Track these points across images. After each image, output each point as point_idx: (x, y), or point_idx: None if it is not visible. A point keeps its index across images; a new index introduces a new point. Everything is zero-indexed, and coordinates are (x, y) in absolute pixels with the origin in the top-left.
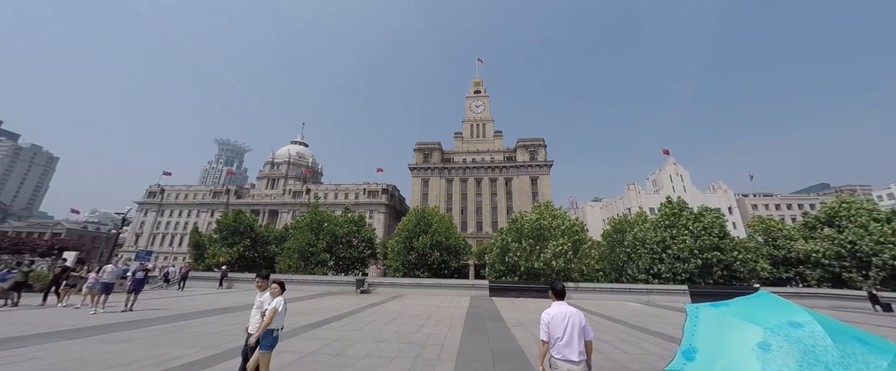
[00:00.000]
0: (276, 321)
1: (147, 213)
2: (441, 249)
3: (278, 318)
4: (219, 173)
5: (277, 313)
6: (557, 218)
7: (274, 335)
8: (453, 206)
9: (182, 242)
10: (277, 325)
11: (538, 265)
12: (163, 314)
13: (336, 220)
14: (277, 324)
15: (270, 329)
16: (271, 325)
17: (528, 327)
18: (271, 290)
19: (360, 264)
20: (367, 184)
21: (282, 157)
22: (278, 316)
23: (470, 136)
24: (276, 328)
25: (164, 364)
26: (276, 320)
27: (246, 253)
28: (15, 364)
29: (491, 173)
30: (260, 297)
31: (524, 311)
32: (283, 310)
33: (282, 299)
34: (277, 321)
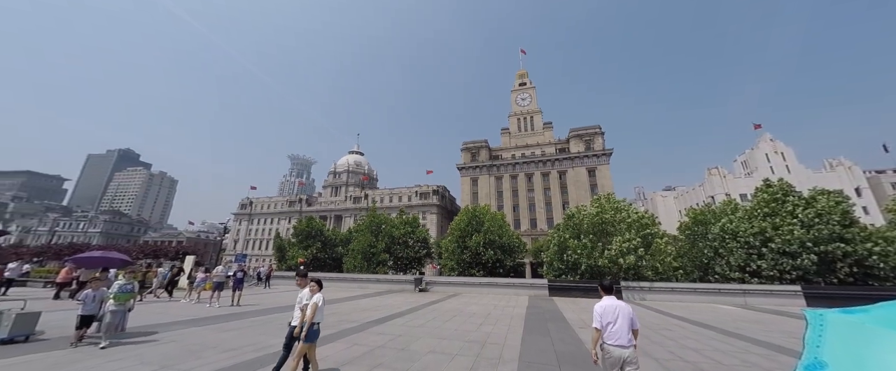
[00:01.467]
0: (318, 315)
1: (241, 222)
2: (495, 248)
3: (319, 312)
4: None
5: (318, 308)
6: (621, 211)
7: (315, 328)
8: (504, 204)
9: (268, 246)
10: (318, 319)
11: (602, 263)
12: (258, 308)
13: (392, 223)
14: (318, 318)
15: (312, 323)
16: (315, 320)
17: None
18: (310, 288)
19: (416, 264)
20: (418, 186)
21: (342, 166)
22: (318, 311)
23: (517, 131)
24: (317, 322)
25: (262, 350)
26: (318, 315)
27: (318, 254)
28: (161, 344)
29: (542, 167)
30: (300, 294)
31: (589, 313)
32: (322, 305)
33: (320, 296)
34: (318, 316)
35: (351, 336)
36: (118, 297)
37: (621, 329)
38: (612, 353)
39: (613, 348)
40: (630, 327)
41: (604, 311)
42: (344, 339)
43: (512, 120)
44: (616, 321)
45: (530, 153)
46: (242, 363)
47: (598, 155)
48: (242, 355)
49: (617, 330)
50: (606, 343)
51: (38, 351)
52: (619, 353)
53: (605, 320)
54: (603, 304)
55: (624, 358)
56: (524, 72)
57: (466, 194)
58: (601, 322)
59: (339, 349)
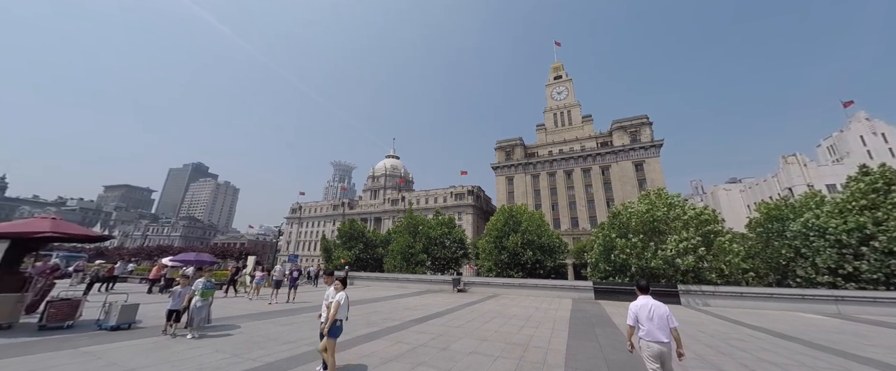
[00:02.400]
0: (340, 313)
1: (292, 225)
2: (534, 248)
3: (342, 310)
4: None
5: (340, 306)
6: (676, 207)
7: (338, 324)
8: (542, 203)
9: (316, 247)
10: (341, 316)
11: (656, 264)
12: (310, 305)
13: (429, 224)
14: (341, 315)
15: (335, 319)
16: (336, 316)
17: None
18: (335, 286)
19: (454, 264)
20: (452, 187)
21: (379, 170)
22: (341, 308)
23: (554, 127)
24: (340, 319)
25: (315, 344)
26: (340, 312)
27: (361, 255)
28: (232, 336)
29: (583, 163)
30: (327, 292)
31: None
32: (345, 303)
33: (343, 294)
34: (341, 313)
35: (394, 334)
36: (204, 293)
37: (658, 326)
38: (651, 348)
39: (651, 344)
40: (667, 325)
41: (639, 309)
42: (387, 336)
43: (547, 115)
44: (652, 319)
45: (569, 149)
46: (298, 355)
47: (645, 147)
48: (298, 348)
49: (654, 327)
50: (644, 339)
51: (139, 337)
52: (657, 348)
53: (639, 319)
54: (638, 304)
55: (661, 352)
56: (559, 64)
57: (502, 194)
58: (636, 320)
59: (383, 346)
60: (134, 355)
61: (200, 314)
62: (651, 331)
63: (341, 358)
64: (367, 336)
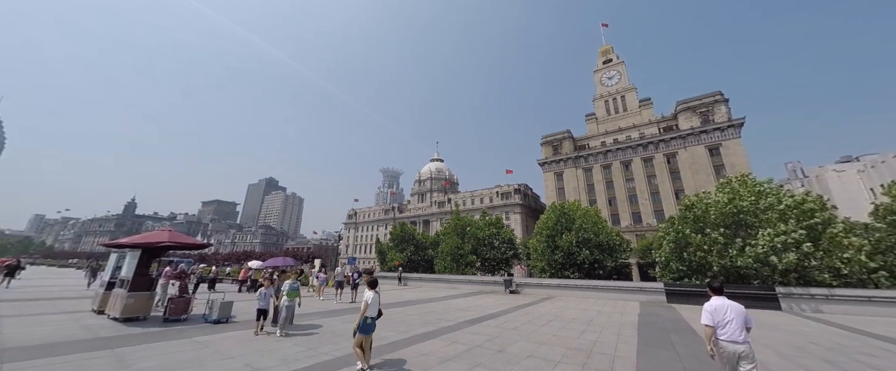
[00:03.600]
0: (369, 311)
1: (349, 230)
2: (590, 247)
3: (371, 308)
4: (386, 195)
5: (369, 305)
6: (768, 195)
7: (367, 321)
8: (598, 198)
9: (371, 250)
10: (370, 313)
11: (743, 262)
12: None
13: (476, 224)
14: (370, 313)
15: (365, 316)
16: (365, 314)
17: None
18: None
19: (504, 265)
20: (498, 186)
21: (425, 174)
22: (370, 307)
23: (606, 115)
24: (369, 316)
25: (378, 341)
26: (369, 310)
27: (412, 256)
28: (306, 331)
29: (643, 152)
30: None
31: None
32: (373, 302)
33: (372, 293)
34: (370, 311)
35: (449, 334)
36: (290, 293)
37: (735, 326)
38: (726, 349)
39: (727, 344)
40: (744, 325)
41: (715, 309)
42: (443, 336)
43: (598, 103)
44: (732, 320)
45: (625, 138)
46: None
47: (721, 128)
48: None
49: (731, 327)
50: (720, 339)
51: (234, 330)
52: (733, 348)
53: (716, 318)
54: (714, 304)
55: (738, 353)
56: (608, 47)
57: (551, 191)
58: (712, 319)
59: (439, 346)
60: (232, 346)
61: (288, 313)
62: (731, 332)
63: (402, 354)
64: (424, 335)
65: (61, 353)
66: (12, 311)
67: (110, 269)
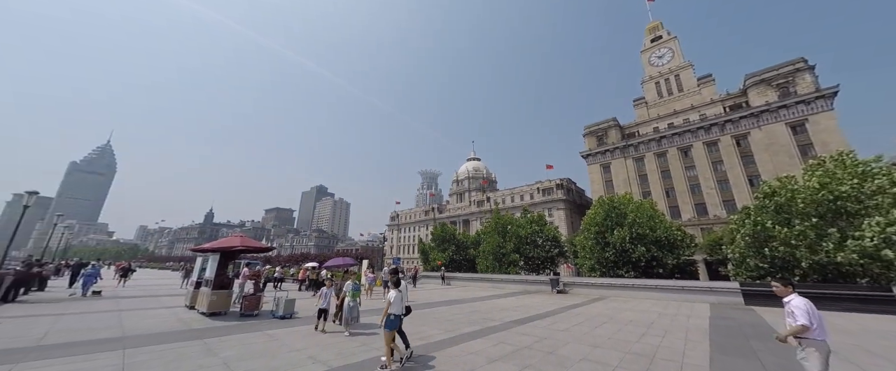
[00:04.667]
0: (393, 308)
1: (393, 231)
2: (646, 243)
3: (394, 306)
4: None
5: (391, 303)
6: (877, 176)
7: (392, 318)
8: (652, 189)
9: (414, 250)
10: (395, 311)
11: (846, 257)
12: (414, 303)
13: (518, 222)
14: (394, 310)
15: (390, 314)
16: (390, 311)
17: (856, 361)
18: (388, 286)
19: (549, 263)
20: (539, 182)
21: (462, 174)
22: (393, 305)
23: (658, 98)
24: (393, 313)
25: (425, 339)
26: (393, 308)
27: (454, 256)
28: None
29: (705, 135)
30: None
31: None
32: (396, 299)
33: (395, 292)
34: (393, 308)
35: (496, 334)
36: (353, 294)
37: (825, 325)
38: (823, 349)
39: (824, 343)
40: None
41: (811, 308)
42: (489, 336)
43: (647, 86)
44: (820, 316)
45: (682, 121)
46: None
47: (806, 100)
48: (412, 342)
49: (823, 325)
50: (817, 339)
51: (298, 325)
52: (827, 347)
53: (813, 316)
54: (807, 302)
55: (829, 353)
56: (656, 23)
57: (597, 184)
58: (810, 318)
59: (485, 346)
60: (297, 339)
61: (352, 313)
62: (823, 330)
63: (449, 353)
64: (470, 335)
65: (165, 341)
66: (129, 305)
67: (197, 270)
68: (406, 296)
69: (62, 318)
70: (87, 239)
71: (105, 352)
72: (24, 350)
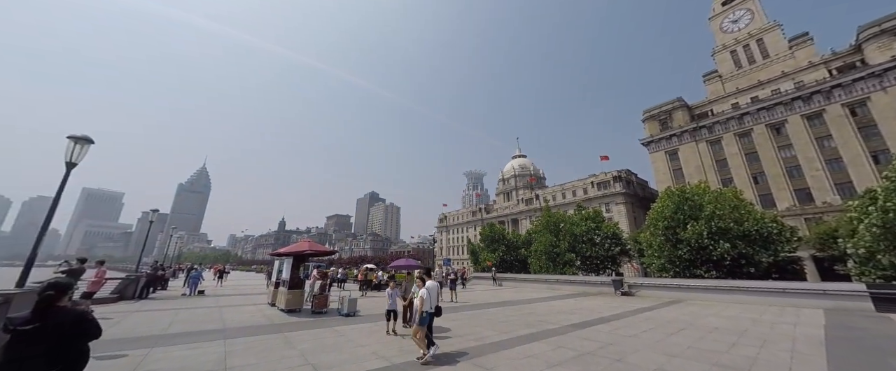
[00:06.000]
0: (424, 305)
1: (441, 233)
2: (731, 238)
3: (425, 303)
4: (471, 197)
5: (424, 300)
6: None
7: (423, 314)
8: (734, 176)
9: (463, 251)
10: (426, 307)
11: None
12: (466, 304)
13: (571, 220)
14: (426, 307)
15: (422, 311)
16: (423, 309)
17: None
18: (417, 283)
19: (610, 263)
20: (593, 176)
21: (508, 172)
22: (425, 301)
23: (735, 69)
24: (425, 310)
25: (480, 340)
26: (424, 305)
27: (505, 256)
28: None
29: (804, 106)
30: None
31: None
32: (427, 297)
33: (423, 290)
34: (425, 305)
35: (554, 338)
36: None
37: None
38: None
39: None
40: None
41: None
42: (547, 340)
43: (721, 57)
44: None
45: (770, 92)
46: (468, 348)
47: None
48: (465, 342)
49: None
50: None
51: (361, 322)
52: None
53: None
54: None
55: None
56: None
57: (663, 174)
58: None
59: (544, 349)
60: (362, 336)
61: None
62: None
63: (505, 356)
64: (527, 337)
65: (254, 333)
66: (226, 302)
67: (275, 272)
68: (434, 296)
69: (180, 311)
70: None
71: (212, 341)
72: (156, 337)
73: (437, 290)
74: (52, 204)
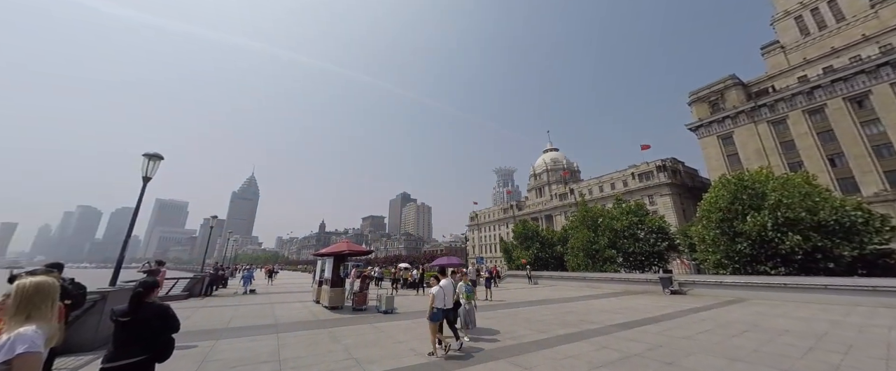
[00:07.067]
0: (436, 303)
1: (473, 231)
2: (802, 230)
3: (437, 300)
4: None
5: (436, 297)
6: None
7: (434, 311)
8: (804, 158)
9: (495, 249)
10: (437, 304)
11: None
12: (502, 303)
13: (611, 214)
14: (437, 304)
15: (434, 307)
16: (434, 305)
17: None
18: (432, 281)
19: (656, 259)
20: (634, 167)
21: (539, 167)
22: (436, 299)
23: (802, 37)
24: (436, 307)
25: (517, 339)
26: (436, 302)
27: (539, 254)
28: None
29: (894, 73)
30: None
31: None
32: (440, 294)
33: (437, 287)
34: (437, 302)
35: (597, 338)
36: (467, 295)
37: None
38: None
39: None
40: None
41: None
42: (589, 340)
43: (783, 25)
44: None
45: (849, 60)
46: (505, 347)
47: None
48: (502, 341)
49: None
50: None
51: (398, 319)
52: None
53: None
54: None
55: None
56: None
57: (715, 160)
58: None
59: (586, 350)
60: (400, 332)
61: (469, 316)
62: None
63: (544, 356)
64: (566, 337)
65: (303, 328)
66: (276, 299)
67: (318, 271)
68: (449, 294)
69: (238, 308)
70: (246, 249)
71: (267, 334)
72: (220, 330)
73: (451, 288)
74: (133, 214)
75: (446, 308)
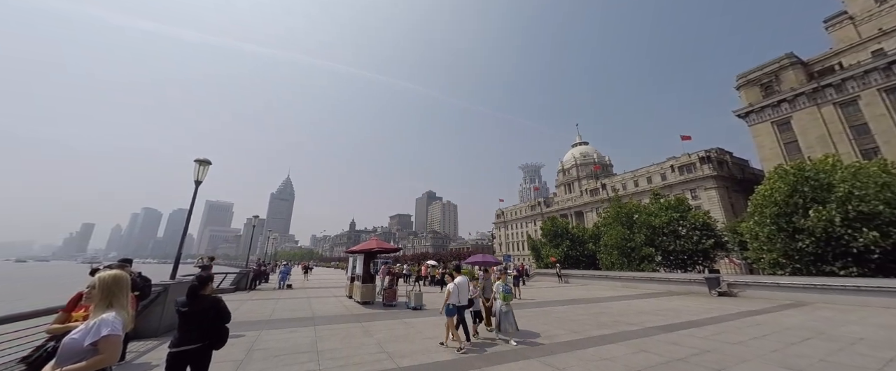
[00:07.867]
0: (451, 299)
1: (499, 229)
2: (880, 225)
3: (452, 296)
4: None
5: (451, 293)
6: None
7: (451, 306)
8: (881, 144)
9: (523, 247)
10: (452, 300)
11: None
12: (532, 301)
13: (648, 210)
14: (452, 300)
15: (449, 303)
16: (449, 301)
17: None
18: (448, 278)
19: (701, 258)
20: (673, 159)
21: (569, 162)
22: (451, 295)
23: (875, 5)
24: (452, 303)
25: (551, 339)
26: (451, 298)
27: (569, 252)
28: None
29: None
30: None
31: None
32: (455, 290)
33: (452, 284)
34: (451, 299)
35: (635, 341)
36: (505, 297)
37: None
38: None
39: None
40: None
41: None
42: (626, 342)
43: None
44: None
45: None
46: (537, 347)
47: None
48: (533, 341)
49: None
50: None
51: (427, 315)
52: None
53: None
54: None
55: None
56: None
57: (769, 149)
58: None
59: (623, 352)
60: (428, 328)
61: (507, 319)
62: None
63: (579, 356)
64: (601, 338)
65: (337, 322)
66: (313, 294)
67: (350, 268)
68: (464, 290)
69: (279, 301)
70: (284, 246)
71: (305, 327)
72: (263, 322)
73: (465, 285)
74: (187, 215)
75: (461, 305)
